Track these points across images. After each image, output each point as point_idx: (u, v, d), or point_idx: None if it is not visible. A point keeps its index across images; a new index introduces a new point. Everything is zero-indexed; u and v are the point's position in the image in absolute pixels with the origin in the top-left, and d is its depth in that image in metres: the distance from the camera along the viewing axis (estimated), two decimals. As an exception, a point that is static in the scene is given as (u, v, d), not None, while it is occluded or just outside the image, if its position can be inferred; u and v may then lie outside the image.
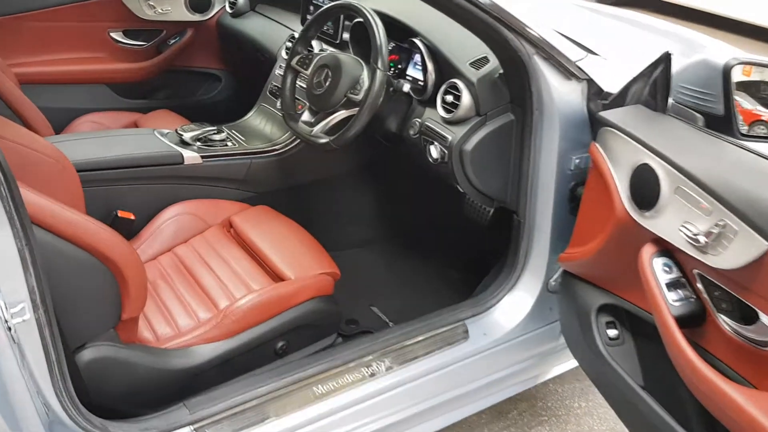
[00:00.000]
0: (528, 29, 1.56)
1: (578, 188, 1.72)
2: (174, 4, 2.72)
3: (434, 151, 1.80)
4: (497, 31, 1.56)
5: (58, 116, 2.50)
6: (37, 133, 2.03)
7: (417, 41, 1.87)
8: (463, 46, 1.83)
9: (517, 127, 1.75)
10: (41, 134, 2.05)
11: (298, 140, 2.15)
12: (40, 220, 1.23)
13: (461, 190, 1.84)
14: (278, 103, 2.29)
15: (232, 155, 2.10)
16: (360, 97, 1.76)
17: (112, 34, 2.69)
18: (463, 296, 2.16)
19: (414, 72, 1.97)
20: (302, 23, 2.33)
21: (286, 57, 2.33)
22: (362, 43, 2.08)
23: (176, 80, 2.94)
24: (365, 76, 1.78)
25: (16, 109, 2.05)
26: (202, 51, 2.92)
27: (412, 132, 1.89)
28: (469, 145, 1.73)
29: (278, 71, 2.35)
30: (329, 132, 1.85)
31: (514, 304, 1.86)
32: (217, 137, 2.13)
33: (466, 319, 1.81)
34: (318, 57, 1.90)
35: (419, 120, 1.86)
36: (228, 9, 2.77)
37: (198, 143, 2.09)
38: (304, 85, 2.07)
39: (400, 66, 2.02)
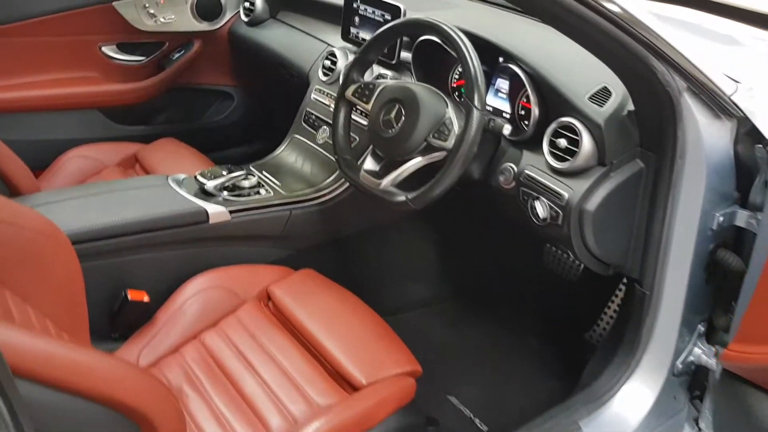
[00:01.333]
0: (682, 58, 1.17)
1: (718, 251, 1.35)
2: (178, 11, 2.27)
3: (541, 209, 1.39)
4: (643, 61, 1.16)
5: (41, 150, 2.07)
6: (17, 190, 1.60)
7: (513, 67, 1.45)
8: (572, 72, 1.42)
9: (647, 178, 1.36)
10: (23, 190, 1.61)
11: (347, 183, 1.73)
12: (29, 371, 0.80)
13: (573, 257, 1.44)
14: (319, 137, 1.87)
15: (267, 207, 1.68)
16: (448, 143, 1.33)
17: (105, 49, 2.23)
18: (549, 372, 1.78)
19: (496, 102, 1.56)
20: (343, 36, 1.89)
21: (324, 78, 1.90)
22: (427, 66, 1.67)
23: (181, 100, 2.49)
24: (452, 115, 1.36)
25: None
26: (211, 66, 2.47)
27: (503, 180, 1.47)
28: (592, 204, 1.33)
29: (314, 95, 1.92)
30: (403, 185, 1.43)
31: (635, 395, 1.47)
32: (246, 183, 1.70)
33: (581, 420, 1.42)
34: (382, 87, 1.47)
35: (514, 166, 1.45)
36: (243, 16, 2.33)
37: (224, 192, 1.66)
38: (360, 120, 1.66)
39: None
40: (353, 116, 1.64)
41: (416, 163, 1.41)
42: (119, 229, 1.48)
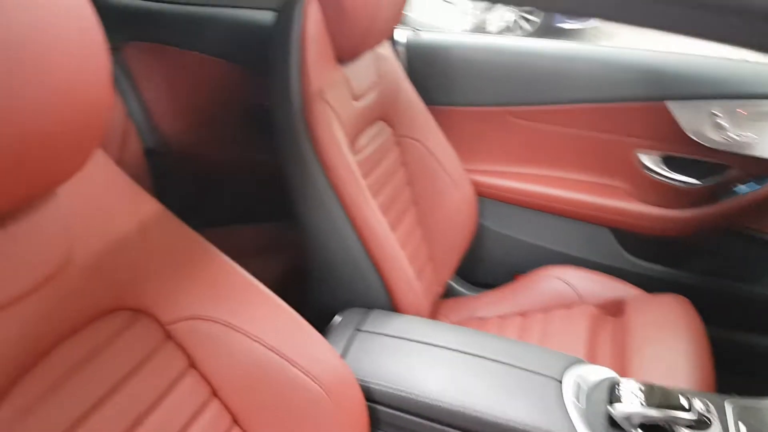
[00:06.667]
0: None
1: None
2: (763, 129, 1.54)
3: None
4: None
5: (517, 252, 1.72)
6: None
7: None
8: None
9: None
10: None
11: None
12: None
13: None
14: None
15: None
16: None
17: (642, 158, 1.68)
18: None
19: None
20: None
21: None
22: None
23: (718, 248, 1.73)
24: None
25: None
26: None
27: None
28: None
29: None
30: None
31: None
32: (685, 416, 0.97)
33: None
34: None
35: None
36: None
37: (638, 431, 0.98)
38: None
39: None
40: None
41: None
42: (448, 413, 0.99)
